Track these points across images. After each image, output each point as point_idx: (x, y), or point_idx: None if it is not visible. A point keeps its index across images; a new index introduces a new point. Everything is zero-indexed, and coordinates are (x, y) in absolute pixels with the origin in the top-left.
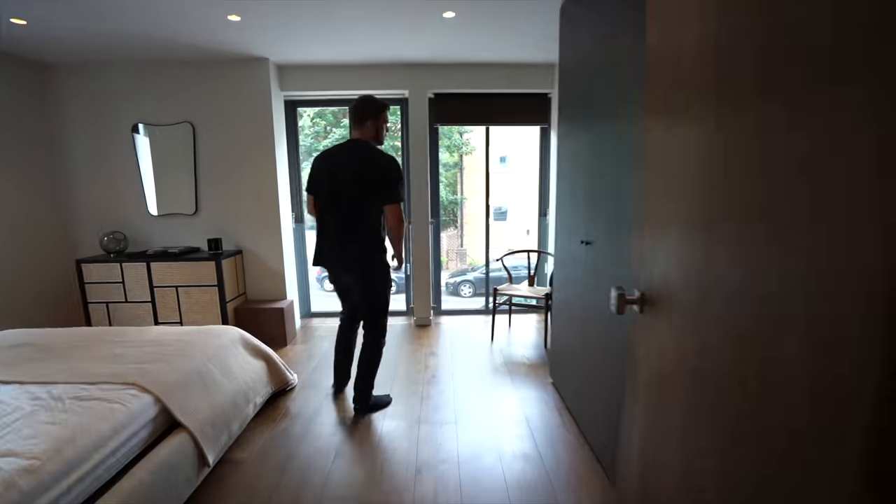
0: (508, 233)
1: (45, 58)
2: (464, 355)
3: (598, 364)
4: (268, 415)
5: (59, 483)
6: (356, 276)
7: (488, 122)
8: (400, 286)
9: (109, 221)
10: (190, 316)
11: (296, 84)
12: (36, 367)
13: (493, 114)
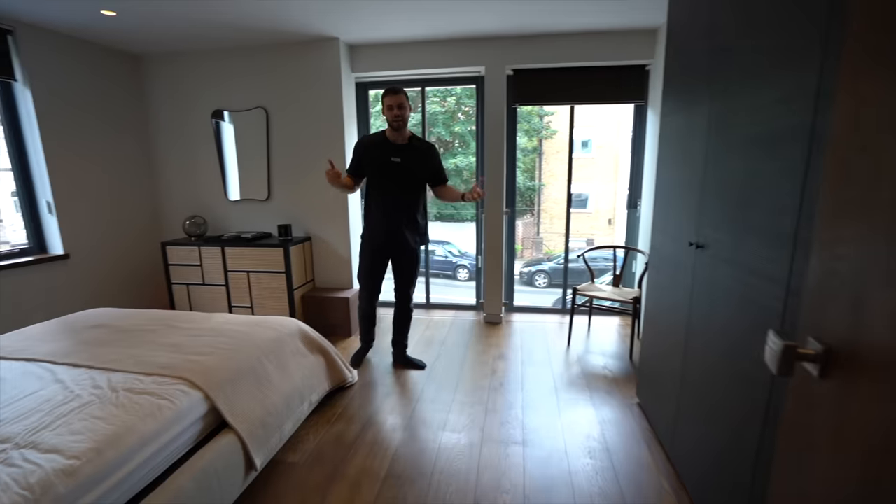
0: (589, 222)
1: (133, 48)
2: (536, 361)
3: (713, 402)
4: (323, 414)
5: (97, 486)
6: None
7: (573, 100)
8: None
9: (191, 206)
10: (260, 301)
11: (366, 64)
12: (105, 351)
13: (578, 91)
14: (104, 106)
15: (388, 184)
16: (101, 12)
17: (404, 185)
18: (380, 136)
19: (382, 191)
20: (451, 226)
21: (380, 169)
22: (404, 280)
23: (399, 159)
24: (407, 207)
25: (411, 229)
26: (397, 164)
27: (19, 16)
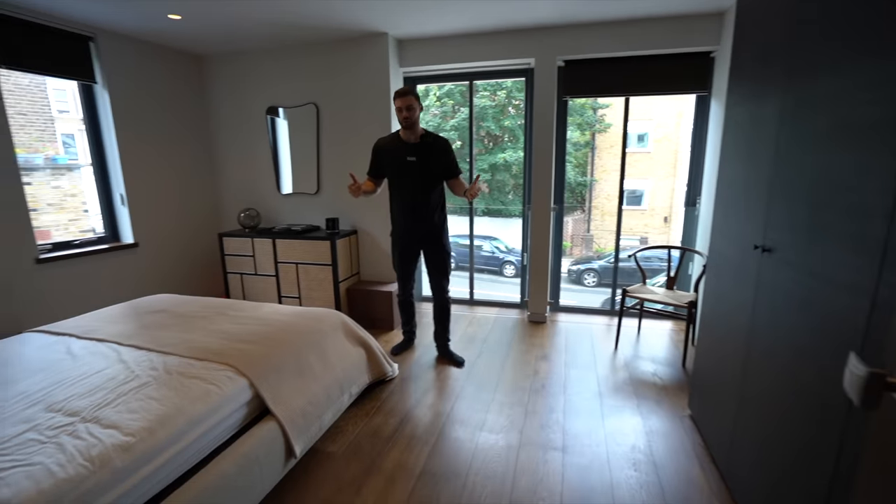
0: (643, 219)
1: (196, 49)
2: (581, 363)
3: (777, 422)
4: (363, 406)
5: (149, 463)
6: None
7: (629, 91)
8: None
9: (247, 199)
10: (307, 292)
11: (415, 59)
12: (164, 335)
13: (634, 82)
14: (170, 105)
15: (407, 182)
16: (168, 16)
17: (421, 182)
18: (394, 137)
19: (402, 189)
20: (498, 221)
21: (398, 169)
22: (436, 273)
23: (414, 158)
24: (426, 203)
25: (432, 224)
26: (413, 163)
27: (99, 23)
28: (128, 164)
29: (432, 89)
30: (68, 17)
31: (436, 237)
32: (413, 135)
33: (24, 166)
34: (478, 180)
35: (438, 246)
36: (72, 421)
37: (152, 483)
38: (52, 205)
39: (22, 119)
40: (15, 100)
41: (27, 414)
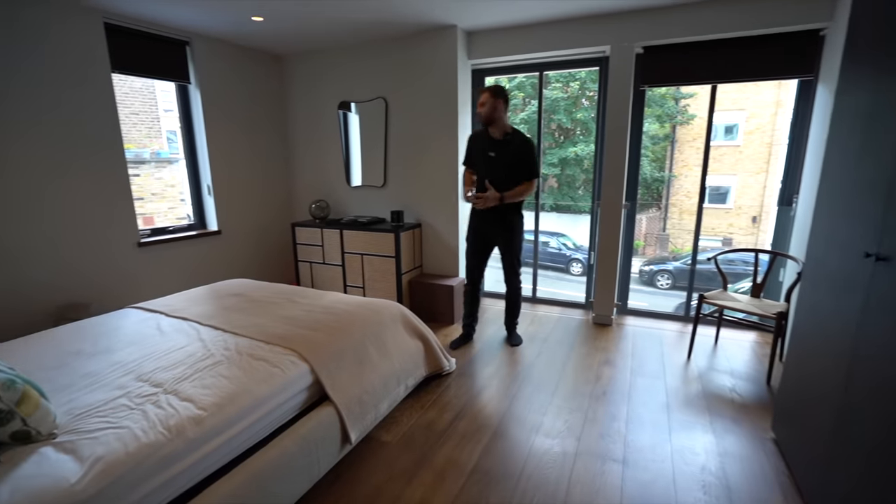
0: (727, 219)
1: (276, 49)
2: (648, 372)
3: (888, 459)
4: (419, 398)
5: (218, 437)
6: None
7: (717, 78)
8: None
9: (318, 191)
10: (371, 283)
11: (484, 50)
12: (239, 317)
13: (724, 68)
14: (252, 102)
15: (486, 175)
16: (252, 18)
17: (498, 177)
18: (484, 131)
19: (482, 182)
20: (566, 217)
21: (480, 162)
22: (508, 267)
23: (493, 153)
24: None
25: (507, 218)
26: (492, 158)
27: (195, 28)
28: (214, 158)
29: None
30: (169, 24)
31: (510, 231)
32: (498, 131)
33: (133, 160)
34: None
35: (511, 240)
36: (156, 391)
37: (220, 455)
38: (155, 194)
39: (135, 118)
40: (129, 101)
41: (121, 381)
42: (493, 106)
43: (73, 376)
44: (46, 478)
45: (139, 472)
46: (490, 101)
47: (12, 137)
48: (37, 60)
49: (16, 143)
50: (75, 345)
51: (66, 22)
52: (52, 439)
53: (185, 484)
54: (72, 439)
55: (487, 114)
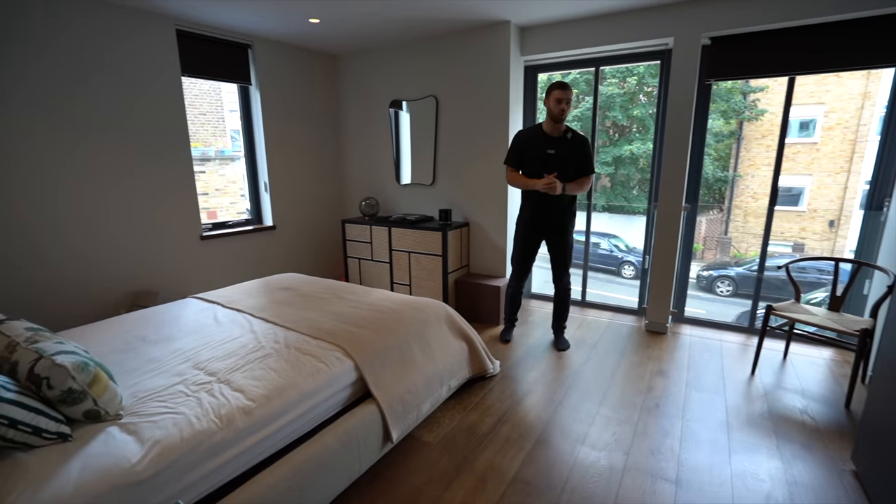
0: (799, 222)
1: (331, 49)
2: (706, 386)
3: None
4: (461, 400)
5: (264, 428)
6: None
7: (796, 69)
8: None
9: (368, 188)
10: (417, 281)
11: (537, 46)
12: (289, 311)
13: (804, 57)
14: (307, 102)
15: (545, 174)
16: (309, 20)
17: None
18: (537, 130)
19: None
20: (619, 218)
21: (538, 160)
22: (558, 266)
23: (553, 151)
24: (559, 196)
25: (562, 216)
26: (552, 156)
27: (256, 32)
28: (271, 156)
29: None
30: (233, 28)
31: (563, 229)
32: (557, 129)
33: (200, 157)
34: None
35: (564, 238)
36: (210, 380)
37: (265, 447)
38: (218, 189)
39: (202, 118)
40: (199, 102)
41: (179, 369)
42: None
43: (139, 361)
44: (111, 457)
45: (191, 458)
46: (571, 99)
47: (92, 138)
48: (116, 66)
49: (96, 143)
50: (142, 331)
51: (143, 29)
52: (118, 420)
53: (230, 473)
54: (134, 421)
55: (568, 113)
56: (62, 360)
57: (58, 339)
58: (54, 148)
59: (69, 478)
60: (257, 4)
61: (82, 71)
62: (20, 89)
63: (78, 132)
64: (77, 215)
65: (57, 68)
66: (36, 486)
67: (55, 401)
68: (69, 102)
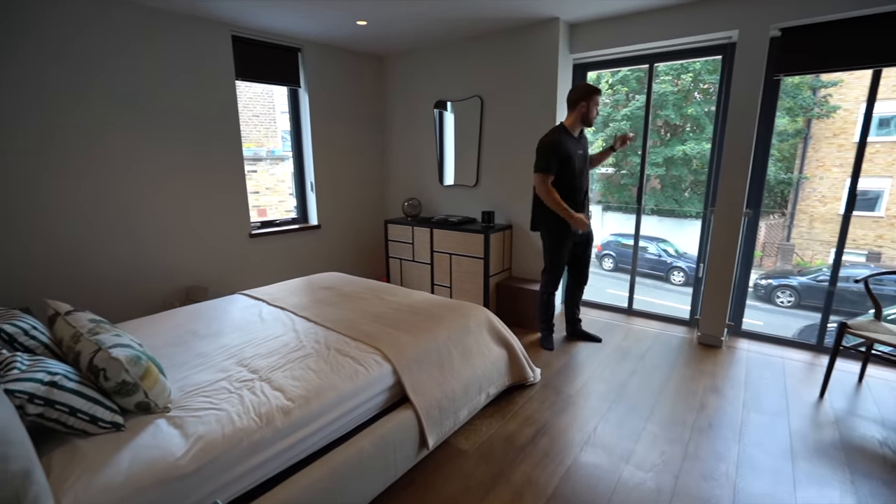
0: (875, 229)
1: (378, 51)
2: (766, 406)
3: None
4: (499, 408)
5: (302, 429)
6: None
7: (883, 60)
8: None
9: (411, 189)
10: (458, 283)
11: (588, 43)
12: (330, 310)
13: (893, 46)
14: (353, 103)
15: (579, 175)
16: (357, 22)
17: (585, 171)
18: (566, 133)
19: (575, 181)
20: (668, 222)
21: (574, 161)
22: (587, 262)
23: (582, 151)
24: (587, 193)
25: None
26: (581, 155)
27: (306, 35)
28: (318, 156)
29: (605, 76)
30: (284, 32)
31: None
32: (577, 129)
33: (252, 157)
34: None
35: (592, 237)
36: (252, 378)
37: (302, 448)
38: (269, 188)
39: (255, 120)
40: (252, 104)
41: (224, 365)
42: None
43: (188, 355)
44: (158, 449)
45: (232, 455)
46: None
47: (155, 141)
48: (177, 72)
49: (158, 146)
50: (192, 325)
51: (202, 36)
52: (167, 412)
53: (268, 472)
54: (181, 415)
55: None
56: (117, 354)
57: (116, 332)
58: (125, 148)
59: (120, 468)
60: (307, 8)
61: (147, 77)
62: (95, 94)
63: (142, 136)
64: (140, 213)
65: (125, 74)
66: (91, 473)
67: (111, 391)
68: (140, 108)
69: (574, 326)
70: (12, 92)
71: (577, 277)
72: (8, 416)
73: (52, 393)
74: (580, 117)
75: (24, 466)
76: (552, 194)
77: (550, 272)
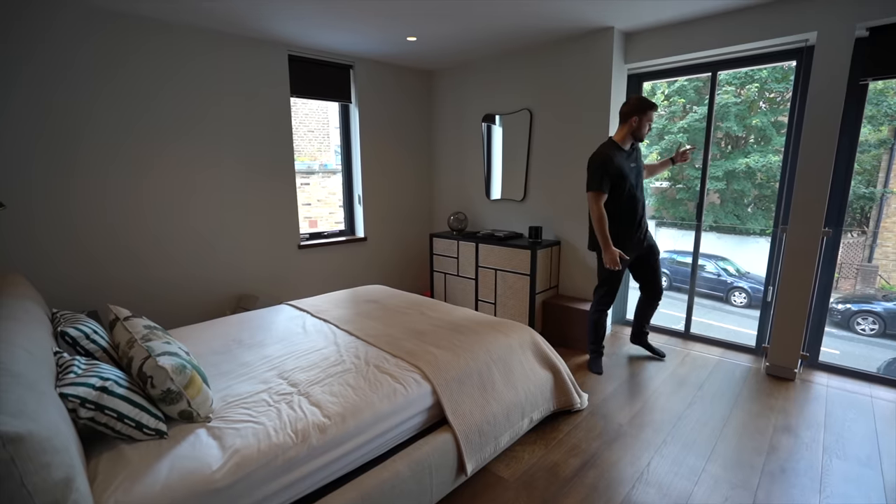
0: None
1: (427, 65)
2: (852, 453)
3: None
4: (543, 435)
5: (337, 448)
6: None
7: None
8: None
9: (457, 203)
10: (503, 299)
11: (644, 52)
12: (371, 325)
13: None
14: (403, 118)
15: (635, 191)
16: (407, 39)
17: (640, 186)
18: (616, 148)
19: (632, 199)
20: (729, 239)
21: (629, 176)
22: (657, 274)
23: (635, 164)
24: (645, 206)
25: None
26: (634, 168)
27: (358, 52)
28: (366, 170)
29: (660, 86)
30: (336, 50)
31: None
32: (628, 143)
33: (305, 171)
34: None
35: (656, 248)
36: (291, 392)
37: (336, 468)
38: (320, 200)
39: (310, 135)
40: (308, 120)
41: (266, 376)
42: None
43: (233, 364)
44: (196, 460)
45: (266, 471)
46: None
47: (214, 155)
48: (237, 91)
49: (217, 160)
50: (239, 334)
51: (261, 56)
52: (208, 422)
53: (300, 491)
54: (220, 426)
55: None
56: (164, 362)
57: (166, 339)
58: (188, 163)
59: (158, 477)
60: (359, 27)
61: (208, 95)
62: (159, 110)
63: (202, 150)
64: (198, 223)
65: (187, 93)
66: (132, 481)
67: (157, 399)
68: (200, 125)
69: (640, 338)
70: (81, 107)
71: (647, 291)
72: (56, 423)
73: (103, 398)
74: (630, 132)
75: (67, 474)
76: (601, 219)
77: (603, 290)
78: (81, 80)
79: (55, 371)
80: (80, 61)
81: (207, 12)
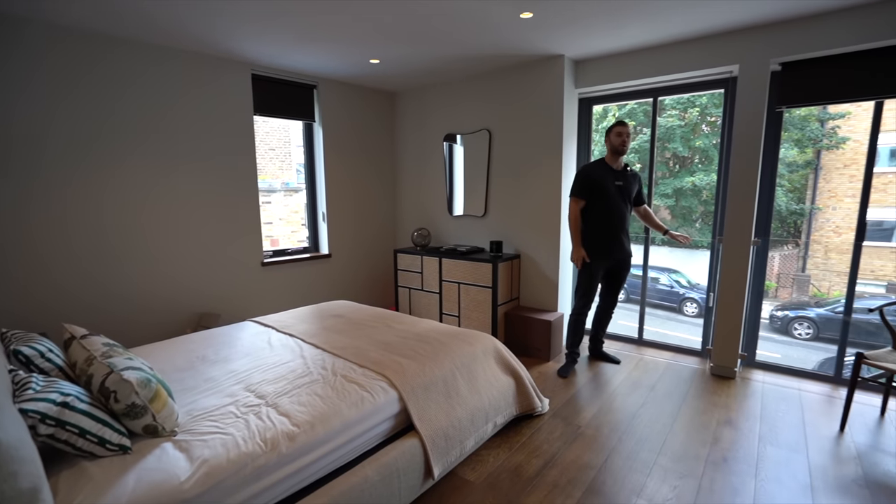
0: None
1: (390, 87)
2: (783, 440)
3: None
4: (507, 438)
5: (306, 455)
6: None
7: (883, 92)
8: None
9: (420, 219)
10: (466, 312)
11: (592, 78)
12: (337, 338)
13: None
14: (366, 137)
15: (614, 205)
16: (370, 61)
17: (624, 204)
18: (601, 164)
19: (610, 211)
20: (680, 252)
21: (607, 191)
22: (617, 290)
23: (620, 183)
24: (625, 223)
25: (628, 241)
26: (619, 187)
27: (321, 73)
28: (330, 187)
29: (611, 109)
30: (300, 70)
31: (630, 255)
32: (618, 163)
33: (267, 189)
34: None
35: (629, 264)
36: (259, 403)
37: (305, 475)
38: (282, 219)
39: (271, 153)
40: (269, 139)
41: (232, 390)
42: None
43: (197, 379)
44: (163, 472)
45: (236, 480)
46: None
47: (172, 171)
48: (198, 107)
49: (175, 176)
50: (202, 351)
51: (225, 74)
52: (173, 436)
53: (271, 499)
54: (187, 439)
55: (627, 143)
56: (128, 376)
57: (128, 356)
58: (145, 180)
59: (124, 490)
60: (324, 48)
61: (169, 110)
62: (116, 124)
63: (161, 167)
64: (157, 241)
65: (144, 108)
66: (96, 496)
67: (120, 413)
68: (160, 140)
69: (596, 346)
70: (36, 122)
71: (607, 299)
72: (20, 434)
73: (64, 413)
74: (610, 149)
75: (34, 484)
76: (574, 220)
77: (581, 293)
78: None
79: (11, 388)
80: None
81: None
